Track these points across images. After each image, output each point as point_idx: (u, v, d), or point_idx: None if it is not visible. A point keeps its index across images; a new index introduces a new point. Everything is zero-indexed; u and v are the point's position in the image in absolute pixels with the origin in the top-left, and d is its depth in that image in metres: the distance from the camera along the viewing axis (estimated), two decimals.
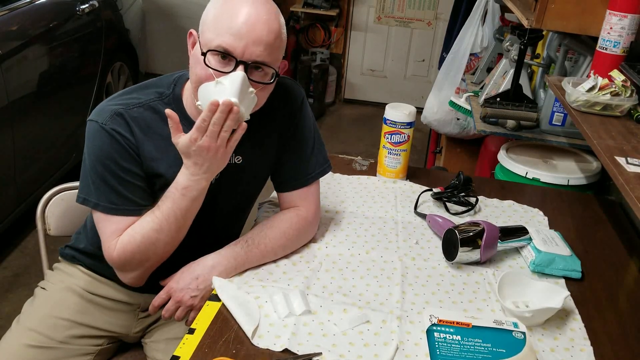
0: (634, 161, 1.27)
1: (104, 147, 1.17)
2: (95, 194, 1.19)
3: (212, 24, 1.11)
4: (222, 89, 1.08)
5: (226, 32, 1.08)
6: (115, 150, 1.17)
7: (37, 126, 2.64)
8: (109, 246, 1.20)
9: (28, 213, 2.58)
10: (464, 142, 2.97)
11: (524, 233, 1.38)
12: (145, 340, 1.42)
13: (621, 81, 1.52)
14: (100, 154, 1.17)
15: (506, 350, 1.03)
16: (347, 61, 5.08)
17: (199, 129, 1.08)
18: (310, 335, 1.08)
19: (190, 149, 1.10)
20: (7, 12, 2.48)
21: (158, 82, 1.26)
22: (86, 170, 1.20)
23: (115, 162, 1.17)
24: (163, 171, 1.21)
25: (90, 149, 1.19)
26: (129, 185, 1.19)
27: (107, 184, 1.18)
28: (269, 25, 1.10)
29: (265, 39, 1.10)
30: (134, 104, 1.20)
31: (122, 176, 1.18)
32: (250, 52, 1.09)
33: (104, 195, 1.18)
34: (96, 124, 1.17)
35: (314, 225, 1.38)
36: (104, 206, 1.19)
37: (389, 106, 1.62)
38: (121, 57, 3.44)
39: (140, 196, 1.21)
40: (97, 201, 1.19)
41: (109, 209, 1.19)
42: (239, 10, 1.09)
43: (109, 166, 1.17)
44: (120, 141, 1.17)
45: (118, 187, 1.18)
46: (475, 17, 2.80)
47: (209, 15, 1.13)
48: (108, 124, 1.16)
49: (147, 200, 1.22)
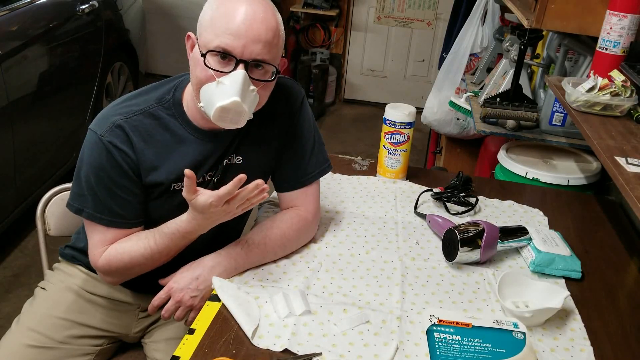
0: (634, 161, 1.27)
1: (99, 159, 1.17)
2: (81, 199, 1.20)
3: (210, 25, 1.11)
4: (224, 89, 1.08)
5: (224, 32, 1.08)
6: (110, 164, 1.17)
7: (37, 126, 2.64)
8: (94, 253, 1.23)
9: (28, 213, 2.58)
10: (463, 142, 2.97)
11: (524, 233, 1.38)
12: (145, 341, 1.42)
13: (621, 81, 1.52)
14: (94, 164, 1.18)
15: (506, 350, 1.03)
16: (347, 61, 5.08)
17: (222, 198, 1.08)
18: (310, 335, 1.08)
19: (208, 210, 1.11)
20: (7, 12, 2.48)
21: (159, 86, 1.25)
22: (78, 176, 1.21)
23: (108, 175, 1.18)
24: (163, 179, 1.21)
25: (86, 157, 1.19)
26: (118, 199, 1.19)
27: (95, 194, 1.19)
28: (267, 23, 1.10)
29: (263, 36, 1.10)
30: (135, 112, 1.19)
31: (112, 189, 1.18)
32: (250, 51, 1.09)
33: (90, 204, 1.19)
34: (95, 134, 1.17)
35: (314, 225, 1.38)
36: (88, 213, 1.20)
37: (389, 106, 1.62)
38: (121, 57, 3.43)
39: (128, 210, 1.21)
40: (81, 207, 1.20)
41: (93, 217, 1.20)
42: (236, 10, 1.09)
43: (101, 178, 1.18)
44: (116, 156, 1.17)
45: (107, 199, 1.19)
46: (475, 17, 2.80)
47: (206, 16, 1.13)
48: (106, 137, 1.16)
49: (133, 215, 1.22)
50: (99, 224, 1.20)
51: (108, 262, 1.21)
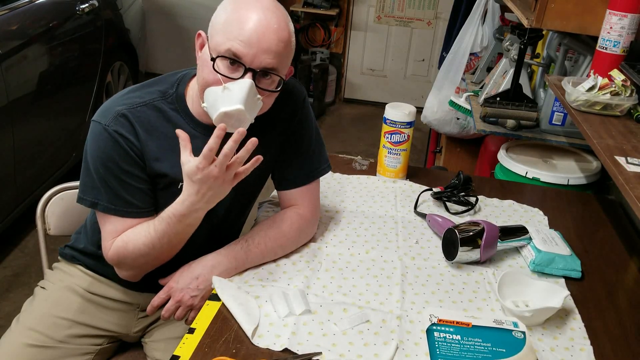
0: (633, 161, 1.27)
1: (106, 150, 1.17)
2: (94, 193, 1.19)
3: (222, 29, 1.10)
4: (230, 95, 1.08)
5: (236, 38, 1.08)
6: (117, 153, 1.17)
7: (37, 126, 2.64)
8: (105, 245, 1.22)
9: (28, 212, 2.58)
10: (463, 141, 2.97)
11: (524, 233, 1.38)
12: (145, 340, 1.42)
13: (621, 81, 1.52)
14: (102, 156, 1.17)
15: (506, 349, 1.03)
16: (347, 61, 5.08)
17: (206, 157, 1.04)
18: (310, 334, 1.08)
19: (196, 176, 1.07)
20: (7, 12, 2.48)
21: (162, 80, 1.25)
22: (87, 170, 1.20)
23: (117, 164, 1.17)
24: (167, 171, 1.21)
25: (93, 149, 1.18)
26: (129, 188, 1.19)
27: (107, 185, 1.18)
28: (279, 34, 1.10)
29: (274, 48, 1.10)
30: (138, 103, 1.20)
31: (122, 178, 1.18)
32: (260, 60, 1.09)
33: (104, 196, 1.19)
34: (99, 125, 1.17)
35: (313, 225, 1.38)
36: (103, 206, 1.19)
37: (388, 106, 1.62)
38: (121, 57, 3.43)
39: (141, 199, 1.21)
40: (96, 200, 1.19)
41: (108, 209, 1.19)
42: (249, 17, 1.09)
43: (110, 168, 1.17)
44: (123, 144, 1.16)
45: (118, 189, 1.18)
46: (475, 17, 2.80)
47: (220, 19, 1.12)
48: (111, 126, 1.16)
49: (147, 203, 1.22)
50: (114, 215, 1.20)
51: (117, 252, 1.21)
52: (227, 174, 1.07)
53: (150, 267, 1.25)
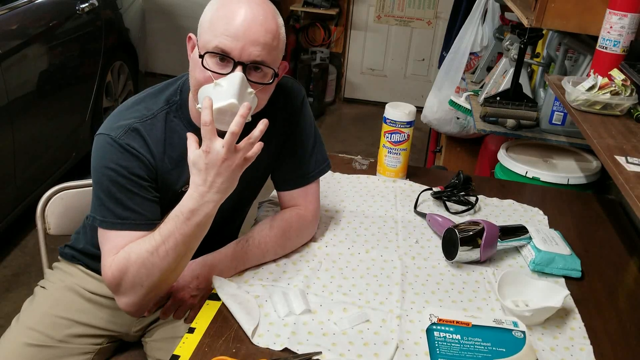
0: (633, 160, 1.27)
1: (114, 158, 1.13)
2: (100, 210, 1.14)
3: (209, 27, 1.10)
4: (221, 91, 1.07)
5: (223, 34, 1.08)
6: (128, 161, 1.13)
7: (37, 125, 2.64)
8: (105, 263, 1.14)
9: (28, 212, 2.58)
10: (463, 141, 2.97)
11: (524, 232, 1.38)
12: (145, 339, 1.42)
13: (621, 80, 1.52)
14: (109, 165, 1.13)
15: (506, 349, 1.03)
16: (347, 60, 5.08)
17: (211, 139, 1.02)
18: (310, 334, 1.08)
19: (203, 161, 1.03)
20: (7, 11, 2.48)
21: (167, 87, 1.24)
22: (94, 187, 1.16)
23: (125, 174, 1.13)
24: (174, 181, 1.20)
25: (98, 161, 1.14)
26: (136, 198, 1.14)
27: (113, 198, 1.13)
28: (266, 25, 1.10)
29: (262, 39, 1.09)
30: (147, 116, 1.18)
31: (130, 188, 1.14)
32: (248, 53, 1.09)
33: (109, 211, 1.14)
34: (108, 137, 1.14)
35: (313, 224, 1.38)
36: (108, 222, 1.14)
37: (388, 105, 1.62)
38: (121, 56, 3.43)
39: (149, 209, 1.16)
40: (102, 218, 1.14)
41: (113, 224, 1.14)
42: (235, 12, 1.09)
43: (117, 179, 1.13)
44: (135, 153, 1.13)
45: (125, 200, 1.14)
46: (475, 16, 2.80)
47: (206, 18, 1.12)
48: (122, 139, 1.13)
49: (154, 214, 1.17)
50: (119, 229, 1.13)
51: (118, 267, 1.11)
52: (236, 156, 1.04)
53: (151, 289, 1.13)
